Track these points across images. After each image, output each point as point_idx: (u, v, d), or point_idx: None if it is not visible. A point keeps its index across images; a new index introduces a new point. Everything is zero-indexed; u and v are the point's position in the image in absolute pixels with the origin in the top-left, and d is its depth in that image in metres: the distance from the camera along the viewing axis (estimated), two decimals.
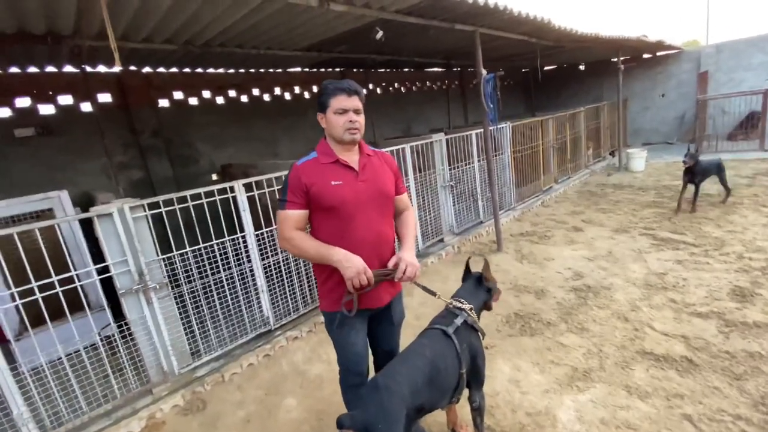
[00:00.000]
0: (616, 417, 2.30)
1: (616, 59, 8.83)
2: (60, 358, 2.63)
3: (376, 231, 1.79)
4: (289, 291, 3.73)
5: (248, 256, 3.44)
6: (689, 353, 2.76)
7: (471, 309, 1.93)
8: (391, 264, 1.78)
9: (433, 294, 1.94)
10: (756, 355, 2.65)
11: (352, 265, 1.64)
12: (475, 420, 1.95)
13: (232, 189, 3.26)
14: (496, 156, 6.12)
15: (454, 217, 5.65)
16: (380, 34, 4.03)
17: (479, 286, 2.08)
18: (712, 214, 5.47)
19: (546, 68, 14.14)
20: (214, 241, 3.20)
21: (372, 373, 2.10)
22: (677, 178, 5.58)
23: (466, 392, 1.96)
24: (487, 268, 2.07)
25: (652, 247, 4.62)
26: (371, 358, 2.11)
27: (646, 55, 12.31)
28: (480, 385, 1.95)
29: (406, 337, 2.05)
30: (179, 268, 3.10)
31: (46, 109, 5.53)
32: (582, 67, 13.87)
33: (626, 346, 2.92)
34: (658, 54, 12.13)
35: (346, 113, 1.71)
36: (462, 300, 1.96)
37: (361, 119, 1.75)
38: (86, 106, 5.80)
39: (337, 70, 8.68)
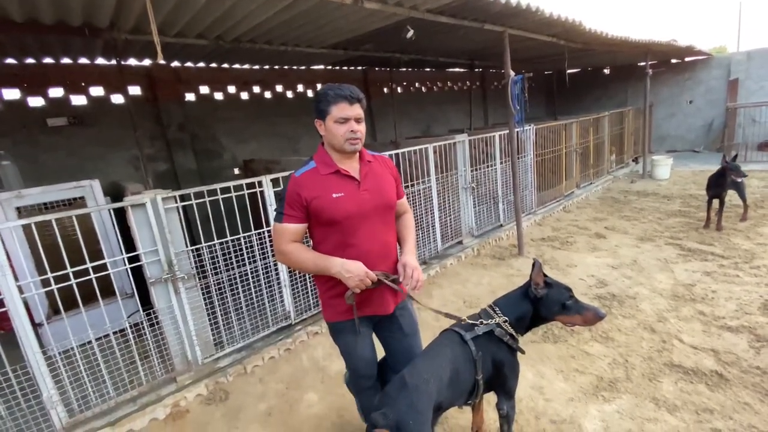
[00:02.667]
0: (644, 429, 2.26)
1: (643, 63, 8.64)
2: (89, 342, 2.70)
3: (380, 241, 1.73)
4: (311, 286, 3.76)
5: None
6: (719, 367, 2.69)
7: (505, 321, 1.83)
8: (400, 271, 1.70)
9: (458, 319, 1.87)
10: None
11: (353, 274, 1.58)
12: (502, 427, 1.93)
13: (259, 183, 3.29)
14: (519, 159, 6.05)
15: (474, 219, 5.61)
16: (411, 33, 4.02)
17: (525, 297, 1.88)
18: (741, 225, 5.32)
19: (569, 71, 13.91)
20: (241, 235, 3.25)
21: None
22: (703, 188, 5.41)
23: (494, 399, 1.95)
24: (536, 271, 1.82)
25: (679, 258, 4.51)
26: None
27: (674, 60, 12.02)
28: (507, 395, 1.90)
29: (426, 339, 1.99)
30: (206, 259, 3.15)
31: (78, 100, 5.68)
32: (606, 71, 13.62)
33: (653, 357, 2.86)
34: (687, 59, 11.83)
35: (347, 122, 1.60)
36: (496, 309, 1.88)
37: (362, 128, 1.65)
38: (117, 98, 5.94)
39: (360, 68, 8.69)
